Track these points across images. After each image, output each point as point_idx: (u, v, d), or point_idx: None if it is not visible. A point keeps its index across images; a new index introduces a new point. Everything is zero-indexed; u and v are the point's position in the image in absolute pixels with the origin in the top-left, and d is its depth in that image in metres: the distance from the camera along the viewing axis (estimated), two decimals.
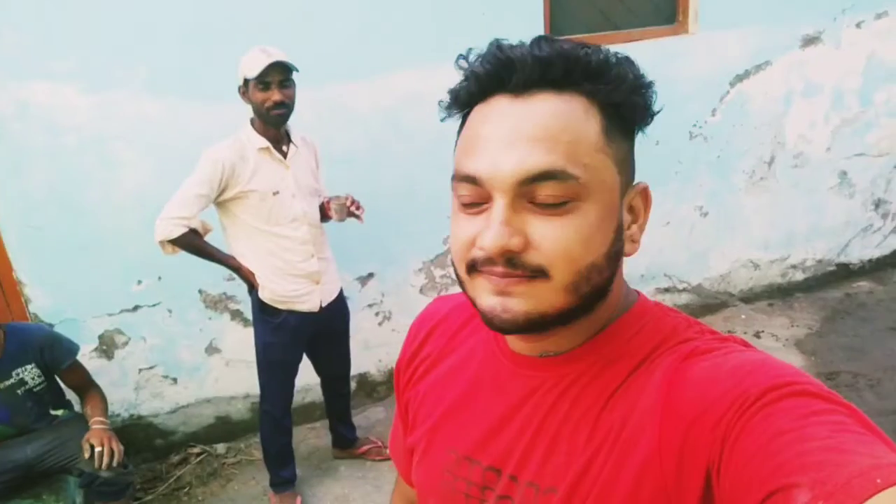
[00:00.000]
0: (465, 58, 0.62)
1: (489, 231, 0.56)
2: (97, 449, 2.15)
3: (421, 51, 2.78)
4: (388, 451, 2.88)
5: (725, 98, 3.44)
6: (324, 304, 2.45)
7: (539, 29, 2.96)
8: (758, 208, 3.76)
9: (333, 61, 2.73)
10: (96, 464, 2.14)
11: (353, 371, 2.86)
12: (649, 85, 0.60)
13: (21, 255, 2.58)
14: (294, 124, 2.36)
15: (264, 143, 2.24)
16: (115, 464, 2.16)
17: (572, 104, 0.57)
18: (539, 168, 0.55)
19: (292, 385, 2.59)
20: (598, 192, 0.57)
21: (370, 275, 3.09)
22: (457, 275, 0.64)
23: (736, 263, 3.86)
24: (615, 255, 0.60)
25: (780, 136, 3.63)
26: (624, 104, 0.58)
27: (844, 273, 4.13)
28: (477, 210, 0.59)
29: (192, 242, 2.25)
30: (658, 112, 0.62)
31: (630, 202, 0.62)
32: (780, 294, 4.00)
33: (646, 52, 3.16)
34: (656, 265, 3.64)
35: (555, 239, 0.56)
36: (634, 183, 0.63)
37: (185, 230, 2.21)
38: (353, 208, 2.40)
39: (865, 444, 0.46)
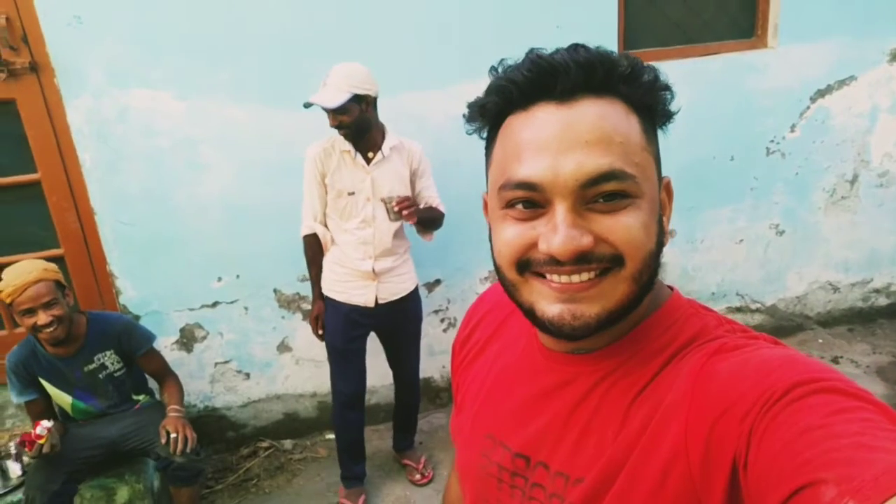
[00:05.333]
0: (496, 69, 0.64)
1: (558, 235, 0.57)
2: (172, 435, 2.26)
3: (494, 61, 2.81)
4: (425, 479, 2.83)
5: (805, 114, 3.33)
6: (380, 302, 2.49)
7: (612, 42, 2.96)
8: (838, 228, 3.60)
9: (406, 71, 2.80)
10: (171, 449, 2.25)
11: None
12: (670, 87, 0.63)
13: (114, 248, 2.75)
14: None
15: (347, 146, 2.37)
16: (188, 450, 2.26)
17: (615, 107, 0.59)
18: (600, 170, 0.56)
19: (355, 376, 2.56)
20: (647, 188, 0.60)
21: (437, 281, 3.13)
22: (504, 279, 0.65)
23: (813, 285, 3.70)
24: (661, 246, 0.63)
25: (865, 154, 3.48)
26: (654, 106, 0.62)
27: None
28: (530, 214, 0.60)
29: (309, 251, 2.51)
30: (677, 112, 0.65)
31: (661, 196, 0.65)
32: (860, 319, 3.81)
33: (722, 66, 3.12)
34: (728, 283, 3.54)
35: (623, 229, 0.58)
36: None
37: (308, 231, 2.48)
38: (395, 208, 2.31)
39: (894, 440, 0.45)
